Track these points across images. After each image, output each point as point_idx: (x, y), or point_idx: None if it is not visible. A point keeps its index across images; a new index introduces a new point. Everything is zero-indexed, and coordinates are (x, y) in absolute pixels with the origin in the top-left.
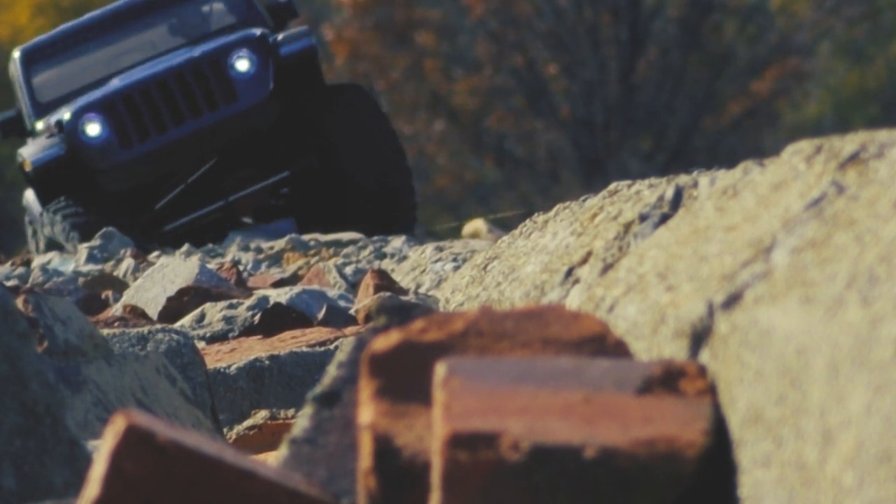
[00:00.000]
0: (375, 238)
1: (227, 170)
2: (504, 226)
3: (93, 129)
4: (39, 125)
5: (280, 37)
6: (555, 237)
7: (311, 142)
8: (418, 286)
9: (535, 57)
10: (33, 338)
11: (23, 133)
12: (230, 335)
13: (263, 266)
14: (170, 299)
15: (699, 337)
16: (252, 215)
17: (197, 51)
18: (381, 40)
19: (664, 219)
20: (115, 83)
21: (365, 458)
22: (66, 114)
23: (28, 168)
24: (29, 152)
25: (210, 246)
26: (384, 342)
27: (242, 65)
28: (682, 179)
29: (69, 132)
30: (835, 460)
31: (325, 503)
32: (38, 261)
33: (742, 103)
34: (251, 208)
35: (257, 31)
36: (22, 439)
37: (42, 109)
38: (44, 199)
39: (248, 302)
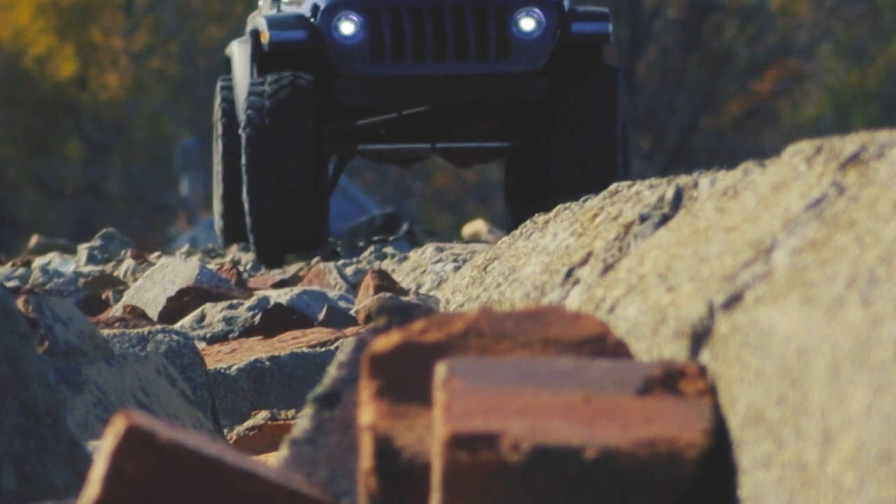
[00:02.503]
0: (375, 238)
1: (451, 114)
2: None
3: (347, 27)
4: None
5: (578, 9)
6: (555, 238)
7: (549, 120)
8: (419, 287)
9: None
10: (34, 338)
11: None
12: (230, 336)
13: (263, 266)
14: (170, 300)
15: (699, 337)
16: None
17: None
18: None
19: (664, 219)
20: None
21: (365, 458)
22: (324, 1)
23: (265, 40)
24: (273, 23)
25: (210, 246)
26: (384, 343)
27: (528, 24)
28: (683, 180)
29: (322, 22)
30: (835, 461)
31: (326, 503)
32: (38, 261)
33: (742, 103)
34: (465, 163)
35: None
36: (22, 440)
37: None
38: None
39: (249, 302)
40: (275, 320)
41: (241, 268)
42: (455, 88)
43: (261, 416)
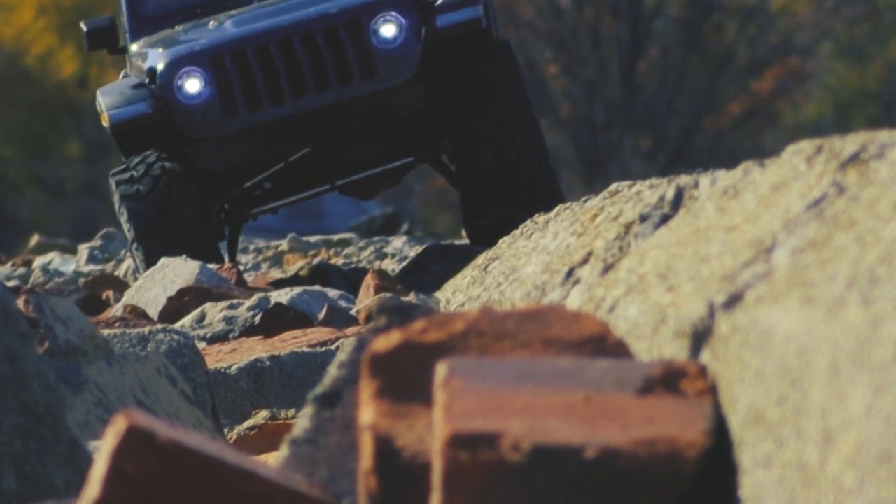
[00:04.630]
0: (376, 238)
1: (346, 144)
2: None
3: (192, 86)
4: (134, 47)
5: (439, 0)
6: (555, 237)
7: (448, 125)
8: (419, 286)
9: (535, 57)
10: (34, 338)
11: (113, 48)
12: (231, 335)
13: (264, 266)
14: (170, 299)
15: (700, 337)
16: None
17: (333, 5)
18: None
19: (665, 219)
20: (227, 29)
21: (366, 458)
22: (160, 62)
23: (106, 122)
24: (109, 101)
25: None
26: (385, 343)
27: (388, 30)
28: (683, 180)
29: (162, 86)
30: (835, 461)
31: (326, 503)
32: (38, 261)
33: (742, 103)
34: (372, 193)
35: None
36: (23, 440)
37: (142, 25)
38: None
39: (249, 302)
40: (275, 320)
41: (241, 267)
42: (323, 123)
43: (261, 416)
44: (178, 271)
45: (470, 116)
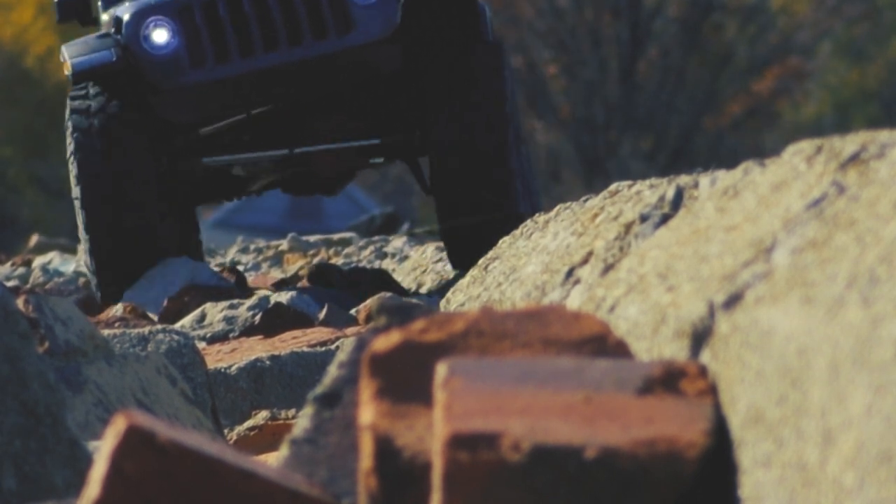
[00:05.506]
0: (376, 238)
1: (313, 110)
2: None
3: (159, 35)
4: (105, 17)
5: None
6: (555, 237)
7: (422, 109)
8: (419, 286)
9: (535, 57)
10: (34, 338)
11: (85, 20)
12: (231, 335)
13: (264, 266)
14: (170, 300)
15: (700, 337)
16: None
17: None
18: None
19: (665, 219)
20: None
21: (366, 458)
22: (126, 13)
23: (68, 71)
24: (73, 51)
25: (211, 246)
26: (385, 342)
27: None
28: (683, 180)
29: (129, 36)
30: (835, 461)
31: (326, 503)
32: (38, 261)
33: (742, 103)
34: (332, 169)
35: None
36: (23, 440)
37: None
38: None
39: (249, 302)
40: (275, 320)
41: (240, 268)
42: (295, 79)
43: (261, 416)
44: (178, 271)
45: (440, 104)
